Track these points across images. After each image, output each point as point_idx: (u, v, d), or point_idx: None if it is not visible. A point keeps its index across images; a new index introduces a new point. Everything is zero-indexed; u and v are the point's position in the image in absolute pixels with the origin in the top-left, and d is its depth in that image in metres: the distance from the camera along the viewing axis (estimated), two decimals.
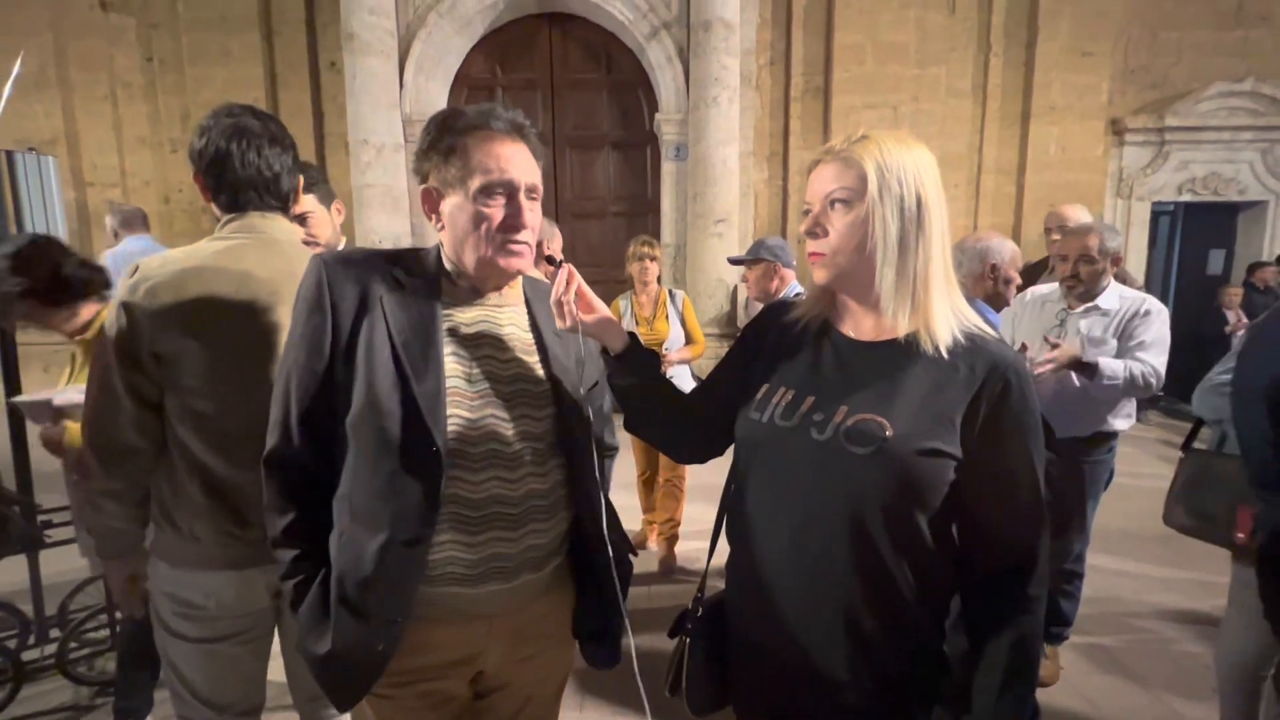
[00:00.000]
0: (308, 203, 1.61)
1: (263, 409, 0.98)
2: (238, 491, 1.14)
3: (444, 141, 0.91)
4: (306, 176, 1.70)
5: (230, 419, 1.12)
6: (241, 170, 1.16)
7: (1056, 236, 2.65)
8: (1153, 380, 1.93)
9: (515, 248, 0.93)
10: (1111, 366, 1.90)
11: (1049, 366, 1.89)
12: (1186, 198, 6.24)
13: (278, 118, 1.23)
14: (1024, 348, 1.98)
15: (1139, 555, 3.14)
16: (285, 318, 1.10)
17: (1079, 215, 2.83)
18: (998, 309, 2.09)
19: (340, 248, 1.73)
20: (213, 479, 1.14)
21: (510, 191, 0.91)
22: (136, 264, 1.11)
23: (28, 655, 2.14)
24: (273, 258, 1.17)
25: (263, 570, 1.16)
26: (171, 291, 1.08)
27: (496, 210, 0.90)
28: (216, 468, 1.13)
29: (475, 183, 0.89)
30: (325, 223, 1.67)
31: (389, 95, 5.49)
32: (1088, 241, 2.01)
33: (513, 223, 0.91)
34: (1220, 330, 5.55)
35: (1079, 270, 2.03)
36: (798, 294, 2.44)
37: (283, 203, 1.24)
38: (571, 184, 6.27)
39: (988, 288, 2.08)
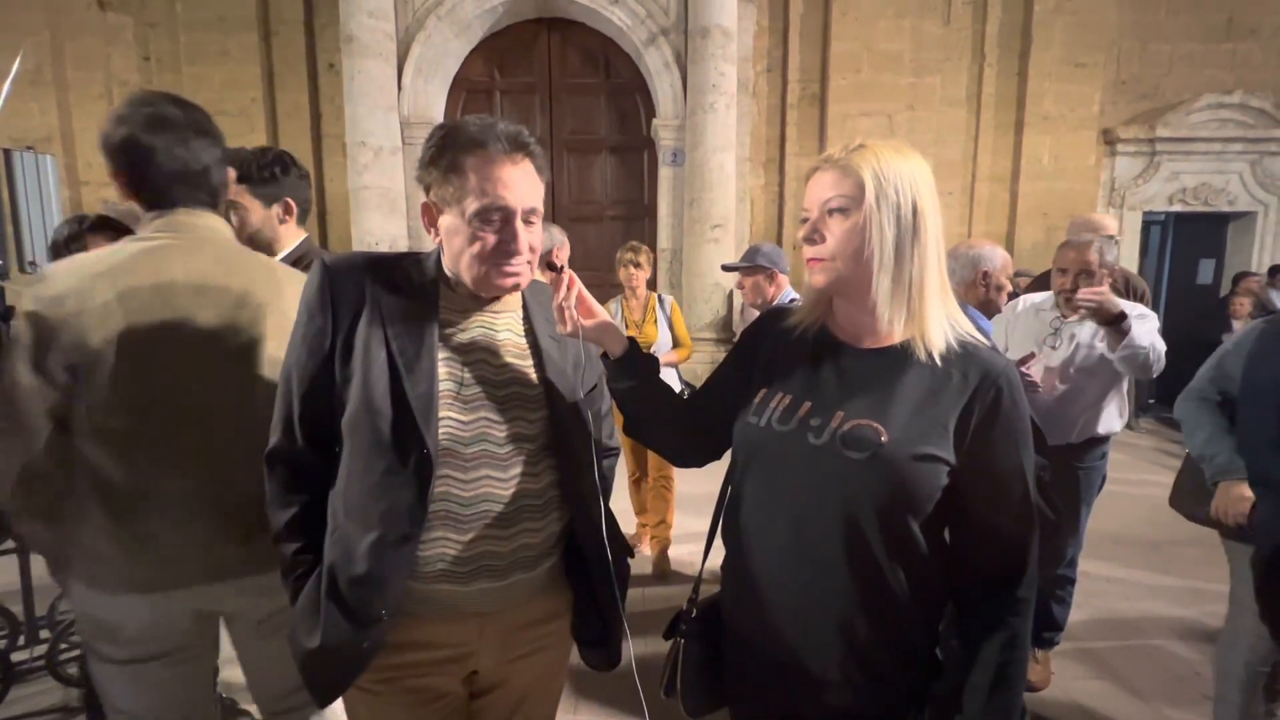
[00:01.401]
0: (236, 191, 1.54)
1: (186, 416, 0.98)
2: (146, 507, 1.05)
3: (444, 158, 0.89)
4: (270, 172, 1.55)
5: (145, 430, 1.04)
6: (168, 164, 1.07)
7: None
8: (1160, 362, 1.90)
9: (509, 270, 0.92)
10: (1140, 335, 1.85)
11: (1091, 300, 1.82)
12: (1177, 208, 6.31)
13: (202, 108, 1.15)
14: (1031, 356, 1.99)
15: (1129, 562, 3.17)
16: (212, 320, 1.07)
17: (1109, 225, 2.80)
18: (989, 316, 2.11)
19: (285, 250, 1.62)
20: (117, 495, 1.05)
21: (506, 217, 0.89)
22: (46, 269, 1.06)
23: (17, 656, 2.12)
24: (197, 258, 1.09)
25: (188, 593, 1.09)
26: (79, 299, 1.00)
27: (490, 236, 0.89)
28: (124, 483, 1.05)
29: (471, 206, 0.88)
30: (256, 218, 1.58)
31: (387, 97, 5.49)
32: (1088, 256, 2.02)
33: (506, 249, 0.90)
34: (1219, 339, 5.60)
35: (1079, 284, 2.05)
36: (792, 300, 2.45)
37: (212, 198, 1.16)
38: (569, 188, 6.28)
39: (979, 294, 2.10)
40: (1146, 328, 1.98)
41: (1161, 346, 1.93)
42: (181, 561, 1.08)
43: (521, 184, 0.90)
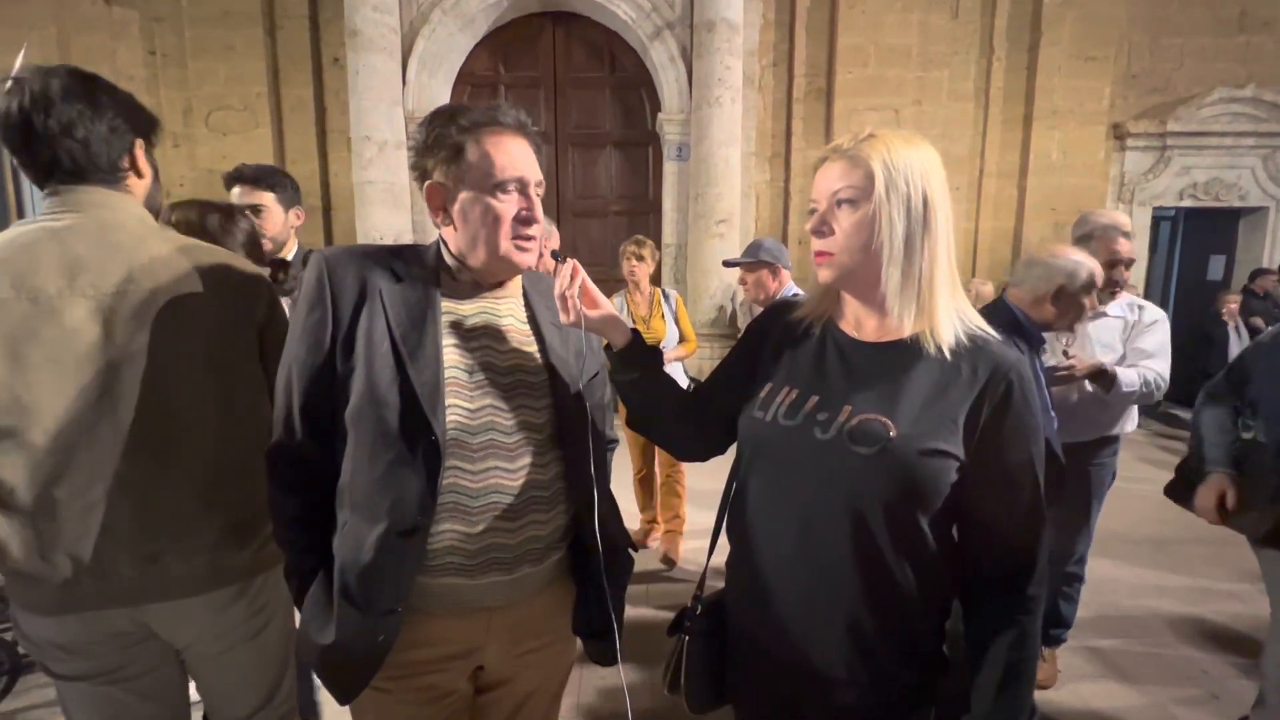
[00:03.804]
0: (265, 199, 1.86)
1: (80, 416, 0.93)
2: (47, 522, 0.96)
3: (451, 138, 0.91)
4: (272, 179, 1.86)
5: (36, 431, 0.94)
6: (36, 140, 0.96)
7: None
8: (1162, 385, 1.96)
9: (526, 244, 0.94)
10: (1128, 376, 1.91)
11: (1071, 374, 1.85)
12: (1187, 203, 6.25)
13: (96, 75, 1.01)
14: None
15: (1135, 560, 3.15)
16: (84, 311, 0.96)
17: (1122, 220, 2.77)
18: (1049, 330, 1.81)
19: (293, 250, 1.96)
20: (18, 508, 0.96)
21: (522, 186, 0.93)
22: None
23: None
24: (85, 243, 0.97)
25: (98, 614, 1.00)
26: None
27: (510, 205, 0.92)
28: (21, 494, 0.95)
29: (489, 178, 0.90)
30: (276, 222, 1.89)
31: (391, 92, 5.48)
32: (1113, 247, 2.02)
33: (526, 216, 0.93)
34: (1221, 335, 5.55)
35: (1114, 278, 2.04)
36: (795, 295, 2.43)
37: (109, 174, 1.02)
38: (573, 183, 6.26)
39: (1049, 314, 1.74)
40: (1154, 337, 1.99)
41: (1161, 366, 1.96)
42: (73, 587, 0.97)
43: (530, 157, 0.95)
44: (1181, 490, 1.79)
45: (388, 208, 5.52)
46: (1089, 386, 1.99)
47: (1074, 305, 1.70)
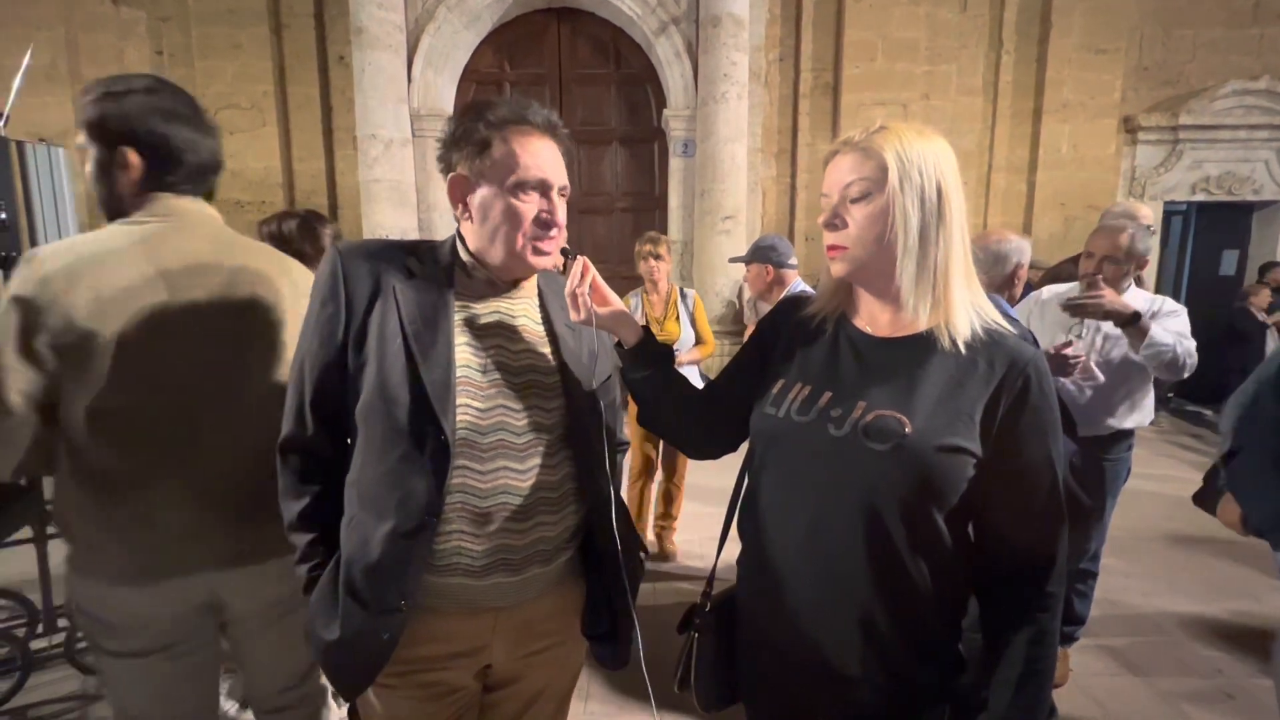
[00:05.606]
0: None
1: (174, 403, 1.02)
2: (142, 493, 1.04)
3: (479, 133, 0.90)
4: None
5: (138, 414, 1.03)
6: (194, 156, 1.09)
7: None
8: (1193, 356, 1.88)
9: (545, 245, 0.93)
10: (1161, 335, 1.83)
11: (1099, 302, 1.80)
12: (1200, 197, 6.18)
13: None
14: (1068, 344, 1.95)
15: (1148, 558, 3.12)
16: (202, 301, 1.06)
17: (1146, 214, 2.72)
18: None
19: None
20: (111, 482, 1.04)
21: (544, 189, 0.91)
22: (32, 252, 1.02)
23: (36, 644, 2.15)
24: (189, 239, 1.08)
25: (181, 582, 1.08)
26: (66, 280, 0.98)
27: (530, 207, 0.91)
28: (114, 468, 1.04)
29: (511, 177, 0.89)
30: None
31: (397, 90, 5.48)
32: (1118, 240, 1.99)
33: (546, 219, 0.92)
34: (1257, 332, 5.44)
35: (1103, 269, 2.01)
36: (802, 291, 2.41)
37: (209, 186, 1.17)
38: (579, 179, 6.25)
39: (1009, 290, 2.05)
40: (1175, 325, 1.94)
41: (1191, 344, 1.89)
42: (172, 550, 1.06)
43: (555, 160, 0.94)
44: (1210, 498, 1.72)
45: (394, 206, 5.53)
46: (1094, 371, 1.94)
47: (1022, 279, 2.01)
